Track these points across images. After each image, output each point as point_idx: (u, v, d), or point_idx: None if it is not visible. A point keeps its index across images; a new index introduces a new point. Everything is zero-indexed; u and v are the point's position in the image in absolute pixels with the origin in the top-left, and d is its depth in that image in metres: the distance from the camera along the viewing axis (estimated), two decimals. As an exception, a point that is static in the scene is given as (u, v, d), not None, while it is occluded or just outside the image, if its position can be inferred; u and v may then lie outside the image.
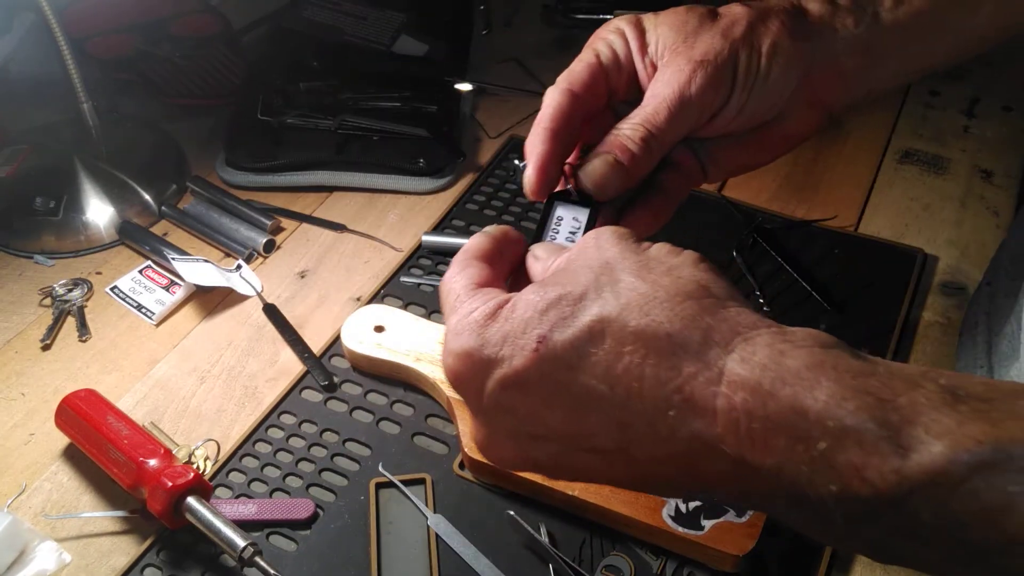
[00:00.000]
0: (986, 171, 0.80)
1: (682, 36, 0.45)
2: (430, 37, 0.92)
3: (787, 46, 0.45)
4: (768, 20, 0.45)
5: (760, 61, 0.45)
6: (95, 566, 0.52)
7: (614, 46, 0.47)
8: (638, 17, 0.47)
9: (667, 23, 0.46)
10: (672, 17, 0.46)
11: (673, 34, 0.45)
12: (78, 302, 0.68)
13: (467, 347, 0.35)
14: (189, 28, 0.90)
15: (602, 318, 0.32)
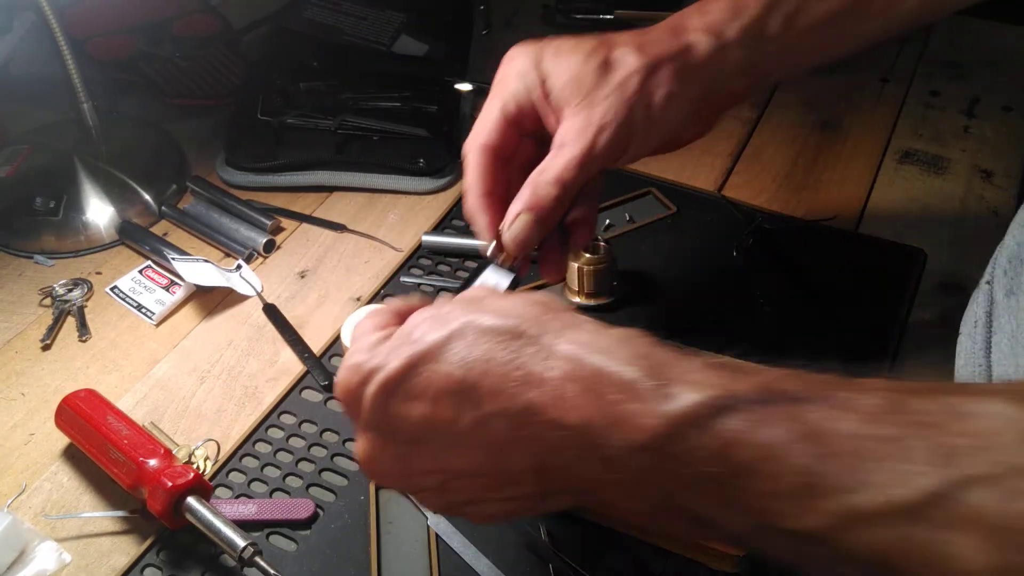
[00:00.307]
0: (986, 171, 0.80)
1: (580, 94, 0.50)
2: (430, 37, 0.92)
3: (679, 92, 0.51)
4: (659, 70, 0.50)
5: (655, 113, 0.50)
6: (95, 566, 0.52)
7: (518, 97, 0.51)
8: (538, 59, 0.51)
9: (566, 75, 0.50)
10: (570, 67, 0.50)
11: (571, 90, 0.50)
12: (78, 302, 0.68)
13: (356, 361, 0.41)
14: (189, 28, 0.91)
15: (464, 321, 0.39)
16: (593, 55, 0.50)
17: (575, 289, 0.66)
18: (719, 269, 0.69)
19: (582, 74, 0.50)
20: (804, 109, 0.87)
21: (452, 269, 0.70)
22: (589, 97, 0.50)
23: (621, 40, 0.51)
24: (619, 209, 0.75)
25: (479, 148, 0.52)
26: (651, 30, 0.52)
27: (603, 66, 0.50)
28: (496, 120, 0.52)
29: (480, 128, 0.53)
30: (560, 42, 0.51)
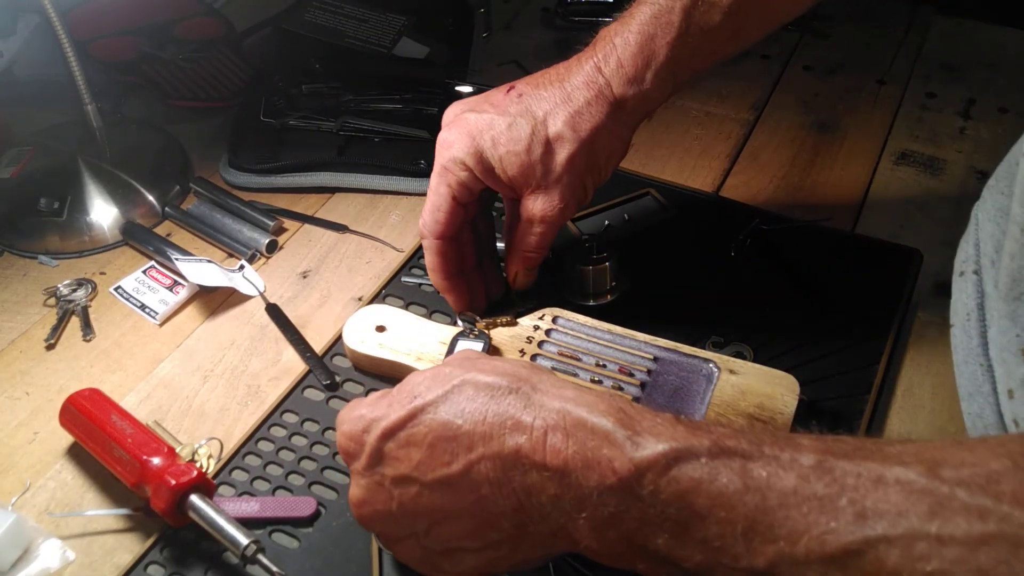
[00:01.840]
0: (982, 172, 0.80)
1: (534, 181, 0.57)
2: (431, 40, 0.93)
3: (619, 146, 0.59)
4: (597, 140, 0.57)
5: (602, 170, 0.59)
6: (99, 564, 0.53)
7: (466, 185, 0.58)
8: (478, 149, 0.57)
9: (515, 168, 0.56)
10: (515, 160, 0.56)
11: (524, 179, 0.57)
12: (82, 302, 0.69)
13: (359, 412, 0.46)
14: (192, 31, 0.91)
15: (464, 379, 0.43)
16: (533, 142, 0.56)
17: (574, 289, 0.66)
18: (717, 269, 0.69)
19: (529, 165, 0.56)
20: (801, 110, 0.88)
21: (453, 269, 0.71)
22: (543, 182, 0.57)
23: (552, 113, 0.56)
24: (618, 210, 0.75)
25: (438, 238, 0.59)
26: (575, 91, 0.57)
27: (546, 154, 0.56)
28: (449, 208, 0.58)
29: (435, 217, 0.59)
30: (493, 130, 0.56)
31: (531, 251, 0.60)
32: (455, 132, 0.57)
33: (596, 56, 0.57)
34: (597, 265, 0.65)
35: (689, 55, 0.57)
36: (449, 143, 0.58)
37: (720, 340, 0.64)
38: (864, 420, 0.59)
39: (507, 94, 0.58)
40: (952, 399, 0.61)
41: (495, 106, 0.57)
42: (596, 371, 0.60)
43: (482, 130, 0.57)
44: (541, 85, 0.58)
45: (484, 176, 0.57)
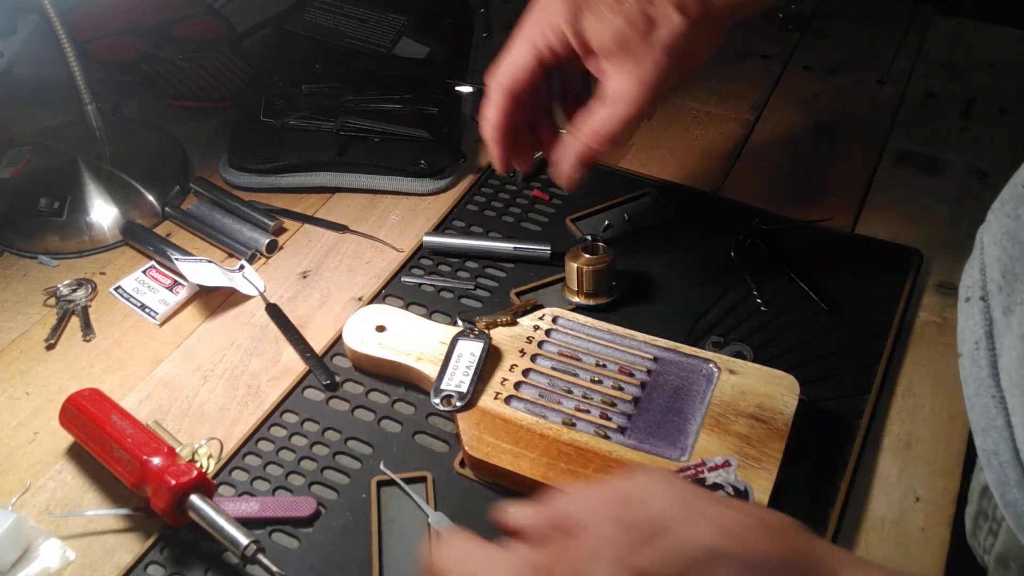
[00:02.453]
0: (982, 172, 0.80)
1: (626, 51, 0.54)
2: (431, 40, 0.93)
3: (718, 39, 0.56)
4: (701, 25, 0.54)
5: (697, 63, 0.57)
6: (99, 563, 0.53)
7: (552, 45, 0.56)
8: (575, 13, 0.55)
9: (608, 33, 0.54)
10: (612, 25, 0.54)
11: (616, 46, 0.54)
12: (82, 302, 0.69)
13: None
14: (192, 31, 0.91)
15: (708, 549, 0.32)
16: (638, 16, 0.53)
17: (574, 289, 0.66)
18: (717, 269, 0.69)
19: (628, 36, 0.54)
20: (802, 111, 0.88)
21: (453, 269, 0.71)
22: (635, 54, 0.54)
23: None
24: (618, 210, 0.75)
25: (505, 90, 0.57)
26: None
27: (648, 28, 0.54)
28: (528, 64, 0.56)
29: (511, 72, 0.57)
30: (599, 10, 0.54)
31: (601, 134, 0.56)
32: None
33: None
34: (596, 265, 0.65)
35: None
36: (546, 4, 0.56)
37: (720, 340, 0.64)
38: (864, 420, 0.59)
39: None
40: (952, 399, 0.61)
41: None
42: (596, 371, 0.60)
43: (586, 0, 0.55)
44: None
45: (579, 43, 0.55)
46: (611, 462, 0.54)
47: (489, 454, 0.55)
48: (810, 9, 1.03)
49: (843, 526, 0.54)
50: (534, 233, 0.74)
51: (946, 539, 0.53)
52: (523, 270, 0.70)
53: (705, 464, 0.53)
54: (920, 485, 0.56)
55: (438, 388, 0.58)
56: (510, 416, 0.57)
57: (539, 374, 0.60)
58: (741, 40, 0.99)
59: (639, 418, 0.57)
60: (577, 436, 0.55)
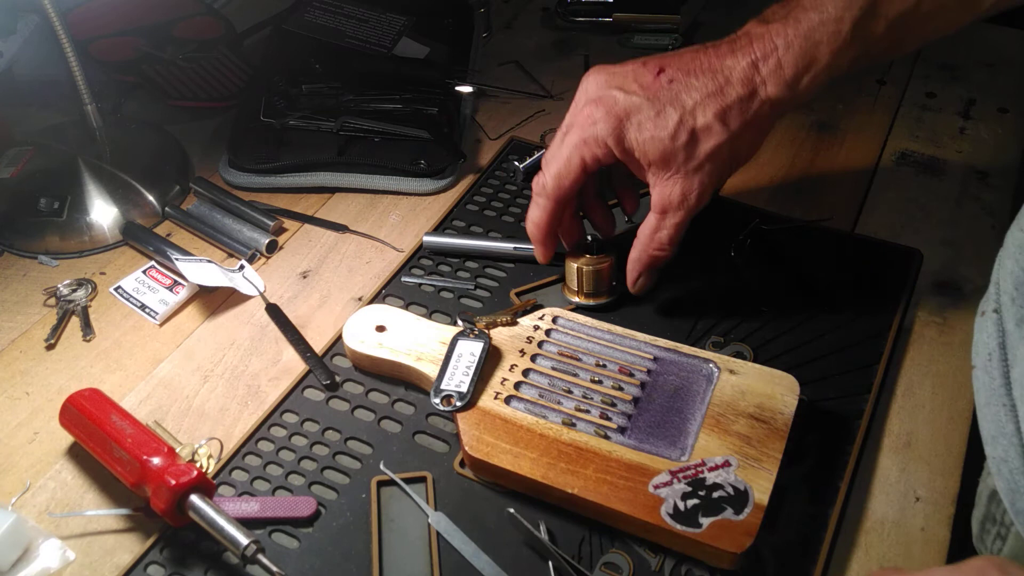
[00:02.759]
0: (982, 172, 0.80)
1: (673, 167, 0.58)
2: (431, 40, 0.93)
3: (760, 140, 0.60)
4: (743, 134, 0.57)
5: (740, 163, 0.60)
6: (99, 564, 0.53)
7: (600, 159, 0.59)
8: (621, 129, 0.58)
9: (656, 152, 0.57)
10: (657, 145, 0.57)
11: (663, 163, 0.58)
12: (82, 302, 0.69)
13: None
14: (192, 31, 0.91)
15: None
16: (679, 131, 0.57)
17: (574, 289, 0.66)
18: (717, 269, 0.70)
19: (672, 151, 0.57)
20: (801, 111, 0.88)
21: (453, 269, 0.71)
22: (683, 169, 0.58)
23: (701, 105, 0.57)
24: (618, 210, 0.75)
25: (551, 199, 0.61)
26: (728, 85, 0.57)
27: (691, 143, 0.57)
28: (574, 175, 0.60)
29: (559, 182, 0.60)
30: (641, 114, 0.57)
31: (661, 248, 0.61)
32: (601, 110, 0.58)
33: (754, 53, 0.57)
34: (597, 265, 0.65)
35: (847, 63, 0.58)
36: (593, 119, 0.58)
37: (720, 340, 0.64)
38: (864, 420, 0.59)
39: (657, 77, 0.58)
40: (952, 399, 0.61)
41: (644, 88, 0.57)
42: (596, 371, 0.60)
43: (629, 113, 0.57)
44: (692, 72, 0.57)
45: (624, 157, 0.59)
46: (611, 462, 0.54)
47: (489, 454, 0.55)
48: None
49: (843, 526, 0.54)
50: (534, 233, 0.74)
51: (946, 539, 0.53)
52: (523, 270, 0.70)
53: (705, 464, 0.53)
54: (920, 485, 0.56)
55: (438, 388, 0.58)
56: (510, 416, 0.57)
57: (539, 374, 0.60)
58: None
59: (639, 418, 0.57)
60: (577, 436, 0.56)
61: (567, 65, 0.95)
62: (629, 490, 0.52)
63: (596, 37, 0.99)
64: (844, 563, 0.52)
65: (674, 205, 0.59)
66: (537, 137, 0.85)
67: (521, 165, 0.79)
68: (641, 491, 0.52)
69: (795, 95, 0.57)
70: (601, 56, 0.96)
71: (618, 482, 0.53)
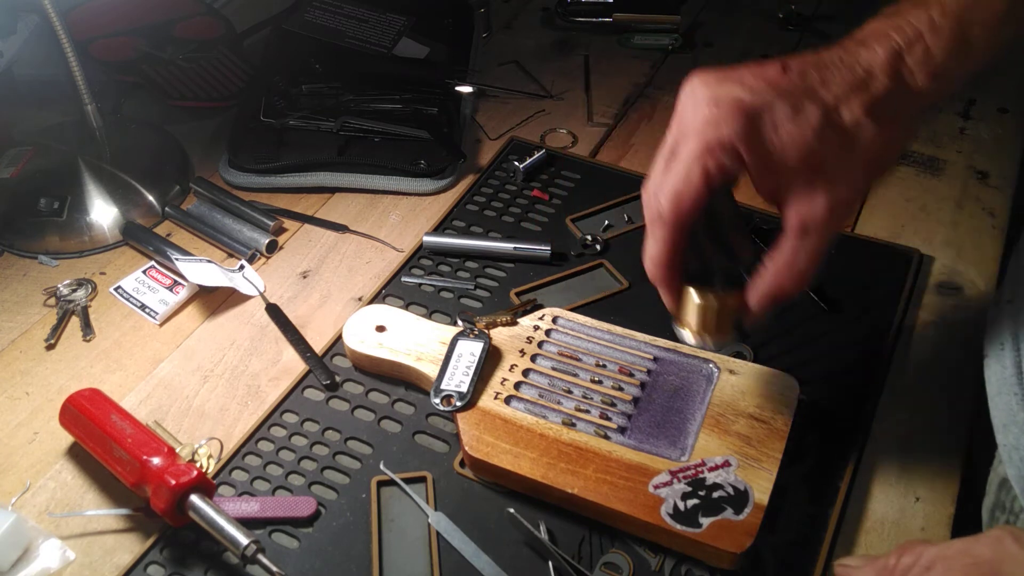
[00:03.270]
0: (982, 172, 0.80)
1: (820, 172, 0.47)
2: (431, 40, 0.93)
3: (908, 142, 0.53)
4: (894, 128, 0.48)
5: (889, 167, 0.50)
6: (99, 563, 0.53)
7: (726, 171, 0.47)
8: (753, 129, 0.46)
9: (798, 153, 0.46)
10: (801, 144, 0.46)
11: (807, 168, 0.47)
12: (82, 302, 0.69)
13: None
14: (192, 31, 0.91)
15: None
16: (825, 129, 0.46)
17: (695, 327, 0.53)
18: (717, 270, 0.69)
19: (818, 153, 0.47)
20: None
21: (453, 269, 0.71)
22: (830, 175, 0.47)
23: (845, 99, 0.47)
24: (618, 210, 0.75)
25: (674, 224, 0.49)
26: (871, 77, 0.48)
27: (841, 138, 0.47)
28: (698, 190, 0.47)
29: (678, 203, 0.48)
30: (775, 112, 0.47)
31: (801, 279, 0.49)
32: (724, 110, 0.46)
33: (894, 42, 0.48)
34: (730, 300, 0.52)
35: (1002, 45, 0.49)
36: (715, 121, 0.46)
37: (720, 340, 0.64)
38: (864, 420, 0.59)
39: (784, 72, 0.48)
40: (952, 399, 0.61)
41: (772, 84, 0.47)
42: (596, 371, 0.60)
43: (762, 111, 0.46)
44: (824, 66, 0.48)
45: (757, 164, 0.47)
46: (611, 462, 0.54)
47: (489, 454, 0.55)
48: (810, 9, 1.03)
49: (843, 526, 0.54)
50: (534, 233, 0.74)
51: (946, 539, 0.53)
52: (523, 270, 0.70)
53: (705, 464, 0.53)
54: (920, 485, 0.56)
55: (438, 388, 0.58)
56: (510, 416, 0.57)
57: (539, 374, 0.60)
58: (741, 40, 0.99)
59: (639, 418, 0.57)
60: (577, 436, 0.56)
61: (567, 65, 0.95)
62: (629, 490, 0.52)
63: (596, 37, 0.99)
64: (844, 563, 0.52)
65: (818, 221, 0.47)
66: (537, 137, 0.85)
67: (521, 165, 0.79)
68: (641, 491, 0.52)
69: (946, 86, 0.48)
70: (601, 56, 0.96)
71: (618, 482, 0.53)
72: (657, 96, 0.91)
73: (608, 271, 0.70)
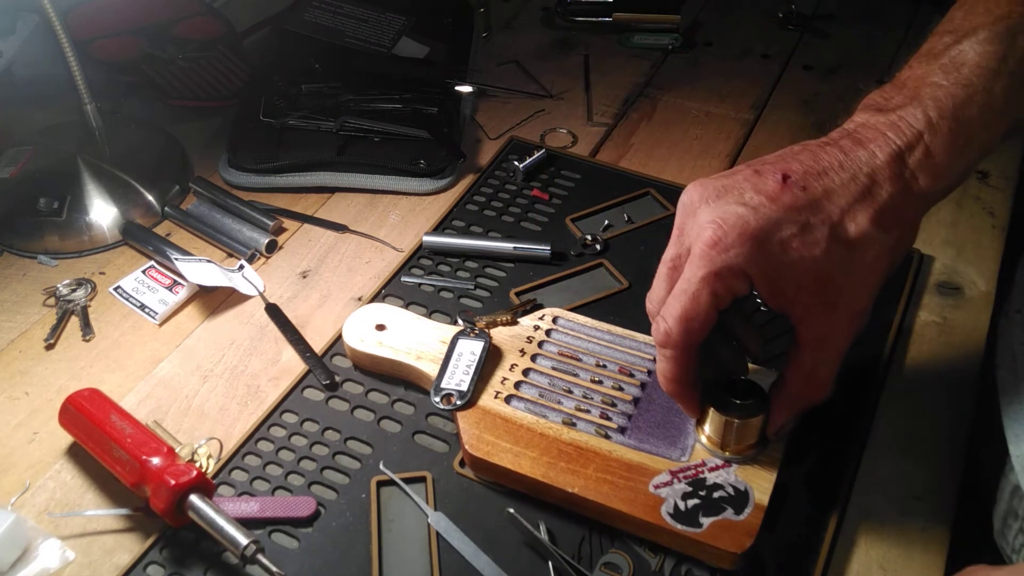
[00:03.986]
0: (982, 172, 0.80)
1: (831, 290, 0.47)
2: (431, 40, 0.93)
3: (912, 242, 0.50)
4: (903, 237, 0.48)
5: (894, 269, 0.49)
6: (98, 564, 0.53)
7: (736, 292, 0.47)
8: (761, 253, 0.46)
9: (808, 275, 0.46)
10: (810, 265, 0.46)
11: (818, 287, 0.47)
12: (82, 302, 0.69)
13: None
14: (192, 31, 0.91)
15: None
16: (833, 246, 0.46)
17: (718, 441, 0.54)
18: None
19: (828, 272, 0.46)
20: (801, 110, 0.88)
21: (452, 269, 0.71)
22: (843, 291, 0.47)
23: (850, 211, 0.46)
24: (618, 210, 0.75)
25: (684, 348, 0.49)
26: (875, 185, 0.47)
27: (849, 259, 0.46)
28: (708, 315, 0.48)
29: (688, 327, 0.48)
30: (782, 232, 0.46)
31: (822, 389, 0.50)
32: (732, 233, 0.46)
33: (893, 143, 0.47)
34: (753, 417, 0.52)
35: (1002, 135, 0.49)
36: (724, 245, 0.46)
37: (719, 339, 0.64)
38: (864, 420, 0.59)
39: (784, 184, 0.46)
40: (952, 399, 0.61)
41: (773, 199, 0.46)
42: (596, 371, 0.60)
43: (768, 233, 0.46)
44: (824, 174, 0.47)
45: (766, 286, 0.47)
46: (611, 462, 0.54)
47: (489, 453, 0.54)
48: (810, 9, 1.03)
49: (843, 526, 0.54)
50: (534, 233, 0.74)
51: (946, 539, 0.53)
52: (523, 270, 0.70)
53: (705, 464, 0.53)
54: (920, 485, 0.56)
55: (438, 386, 0.58)
56: (510, 415, 0.57)
57: (539, 374, 0.60)
58: (741, 39, 0.99)
59: (639, 418, 0.57)
60: (577, 436, 0.55)
61: (567, 65, 0.95)
62: (629, 490, 0.52)
63: (596, 37, 0.99)
64: (844, 563, 0.52)
65: (835, 334, 0.48)
66: (537, 137, 0.85)
67: (521, 165, 0.79)
68: (641, 491, 0.52)
69: (948, 185, 0.48)
70: (601, 56, 0.96)
71: (618, 482, 0.53)
72: (657, 96, 0.91)
73: (608, 271, 0.70)
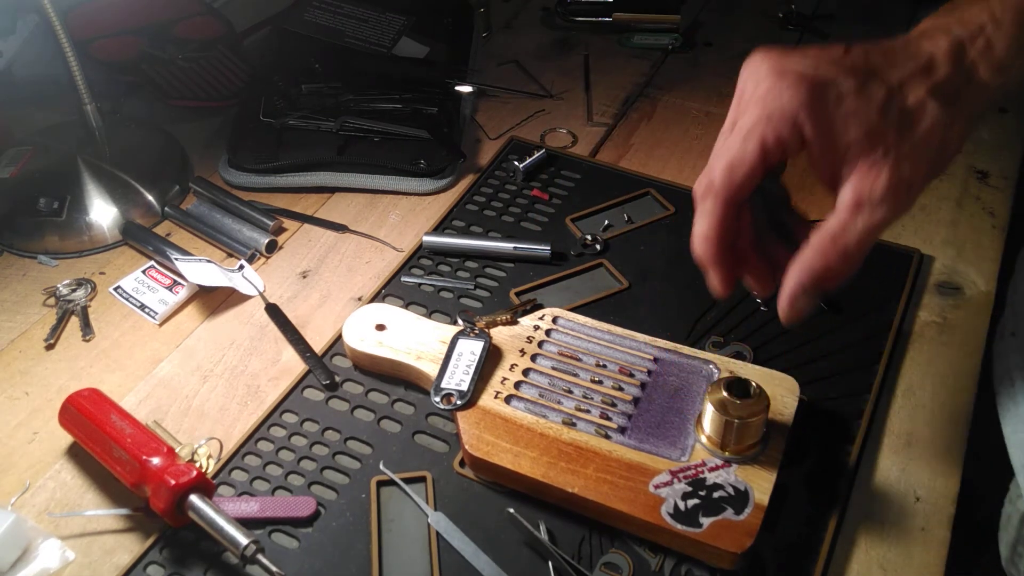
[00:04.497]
0: (982, 172, 0.80)
1: (881, 149, 0.45)
2: (431, 39, 0.93)
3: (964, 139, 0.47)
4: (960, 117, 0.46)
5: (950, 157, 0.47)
6: (98, 564, 0.53)
7: (786, 144, 0.46)
8: (815, 102, 0.45)
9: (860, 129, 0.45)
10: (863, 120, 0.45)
11: (868, 144, 0.45)
12: (82, 302, 0.69)
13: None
14: (192, 31, 0.91)
15: None
16: (889, 106, 0.45)
17: (716, 440, 0.54)
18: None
19: (880, 128, 0.45)
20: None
21: (452, 269, 0.71)
22: (893, 152, 0.45)
23: (909, 82, 0.46)
24: (618, 209, 0.75)
25: (724, 198, 0.47)
26: (935, 64, 0.47)
27: (903, 121, 0.45)
28: (754, 162, 0.46)
29: (731, 174, 0.46)
30: (840, 86, 0.45)
31: (847, 256, 0.46)
32: (787, 81, 0.45)
33: (956, 34, 0.47)
34: (752, 413, 0.52)
35: None
36: (776, 92, 0.45)
37: (720, 340, 0.64)
38: (864, 420, 0.59)
39: (847, 52, 0.47)
40: (952, 399, 0.61)
41: (836, 63, 0.46)
42: (596, 371, 0.60)
43: (826, 83, 0.45)
44: (888, 52, 0.47)
45: (818, 137, 0.46)
46: (611, 462, 0.54)
47: (489, 453, 0.54)
48: (810, 9, 1.03)
49: (843, 526, 0.54)
50: (534, 233, 0.74)
51: (946, 539, 0.53)
52: (523, 270, 0.70)
53: (705, 464, 0.53)
54: (920, 485, 0.56)
55: (438, 386, 0.58)
56: (510, 415, 0.57)
57: (539, 374, 0.60)
58: (741, 39, 0.99)
59: (639, 418, 0.57)
60: (577, 436, 0.55)
61: (567, 65, 0.95)
62: (629, 490, 0.52)
63: (596, 37, 0.99)
64: (844, 563, 0.52)
65: (877, 197, 0.45)
66: (537, 137, 0.85)
67: (521, 165, 0.79)
68: (641, 491, 0.52)
69: (1007, 81, 0.47)
70: (601, 56, 0.96)
71: (618, 482, 0.53)
72: (657, 96, 0.91)
73: (608, 271, 0.70)
